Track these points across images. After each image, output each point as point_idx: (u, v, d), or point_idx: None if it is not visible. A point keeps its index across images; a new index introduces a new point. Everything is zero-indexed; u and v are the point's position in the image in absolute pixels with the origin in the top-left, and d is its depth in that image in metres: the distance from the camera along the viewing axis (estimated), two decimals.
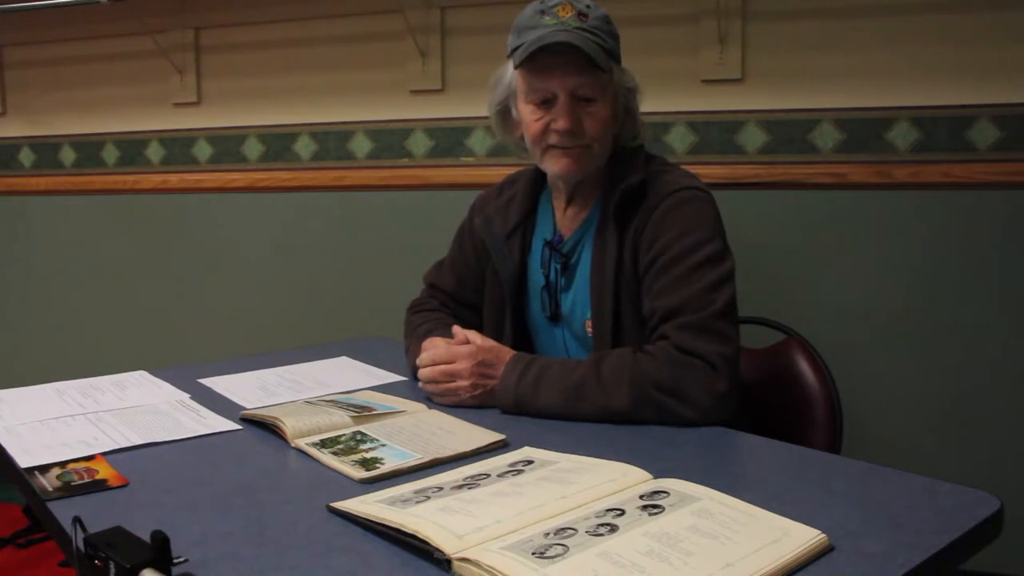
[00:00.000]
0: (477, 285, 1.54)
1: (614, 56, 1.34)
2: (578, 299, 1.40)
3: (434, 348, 1.32)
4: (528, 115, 1.35)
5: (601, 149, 1.35)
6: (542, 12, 1.31)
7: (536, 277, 1.46)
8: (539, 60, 1.28)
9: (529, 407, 1.21)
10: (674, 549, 0.73)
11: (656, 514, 0.80)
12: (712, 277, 1.24)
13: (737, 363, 1.21)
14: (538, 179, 1.48)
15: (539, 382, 1.21)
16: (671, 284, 1.25)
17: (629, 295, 1.32)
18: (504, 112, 1.42)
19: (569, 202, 1.43)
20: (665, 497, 0.85)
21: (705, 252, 1.26)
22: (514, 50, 1.33)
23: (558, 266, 1.42)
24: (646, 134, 1.43)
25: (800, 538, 0.75)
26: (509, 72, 1.38)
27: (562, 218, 1.44)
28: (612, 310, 1.33)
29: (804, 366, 1.51)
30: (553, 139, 1.33)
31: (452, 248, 1.60)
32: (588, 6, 1.31)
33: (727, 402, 1.16)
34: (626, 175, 1.34)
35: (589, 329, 1.37)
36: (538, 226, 1.48)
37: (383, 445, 1.05)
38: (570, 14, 1.29)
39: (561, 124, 1.31)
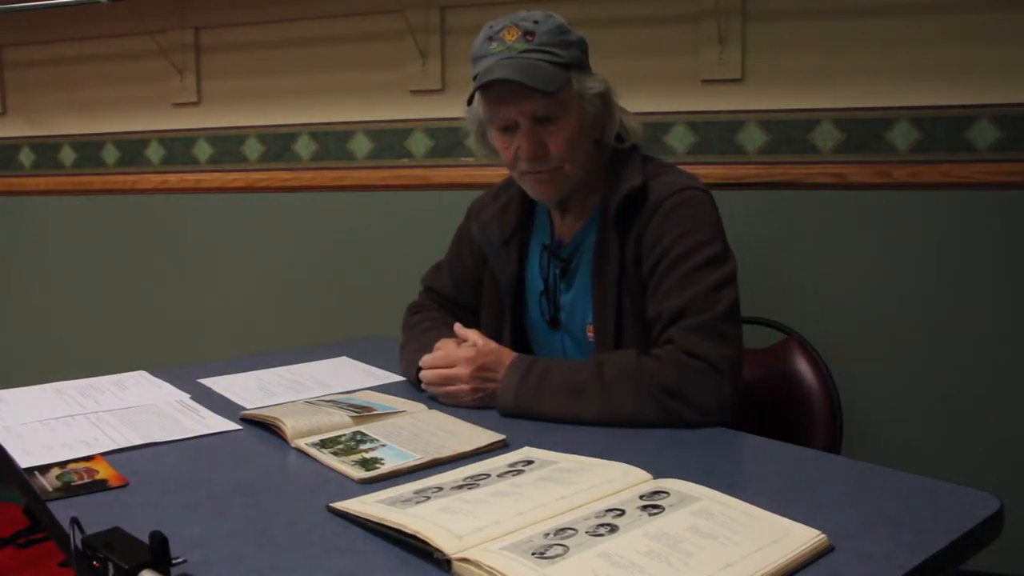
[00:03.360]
0: (474, 289, 1.53)
1: (572, 66, 1.30)
2: (578, 303, 1.40)
3: (440, 350, 1.32)
4: (498, 142, 1.35)
5: (573, 167, 1.33)
6: (490, 39, 1.29)
7: (535, 282, 1.45)
8: (492, 90, 1.28)
9: (531, 411, 1.21)
10: (674, 549, 0.73)
11: (656, 514, 0.80)
12: (715, 278, 1.24)
13: (740, 365, 1.21)
14: None
15: (541, 385, 1.21)
16: (675, 286, 1.24)
17: (631, 299, 1.32)
18: (482, 136, 1.41)
19: (566, 210, 1.41)
20: (665, 497, 0.85)
21: (707, 253, 1.25)
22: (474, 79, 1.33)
23: (557, 271, 1.42)
24: (638, 131, 1.40)
25: (800, 538, 0.75)
26: (476, 100, 1.36)
27: (560, 223, 1.43)
28: (615, 314, 1.32)
29: (804, 366, 1.51)
30: (523, 166, 1.33)
31: (450, 251, 1.59)
32: (536, 22, 1.28)
33: (730, 405, 1.17)
34: (625, 179, 1.33)
35: (590, 334, 1.37)
36: (535, 230, 1.47)
37: (383, 445, 1.05)
38: (515, 37, 1.27)
39: (523, 151, 1.30)
